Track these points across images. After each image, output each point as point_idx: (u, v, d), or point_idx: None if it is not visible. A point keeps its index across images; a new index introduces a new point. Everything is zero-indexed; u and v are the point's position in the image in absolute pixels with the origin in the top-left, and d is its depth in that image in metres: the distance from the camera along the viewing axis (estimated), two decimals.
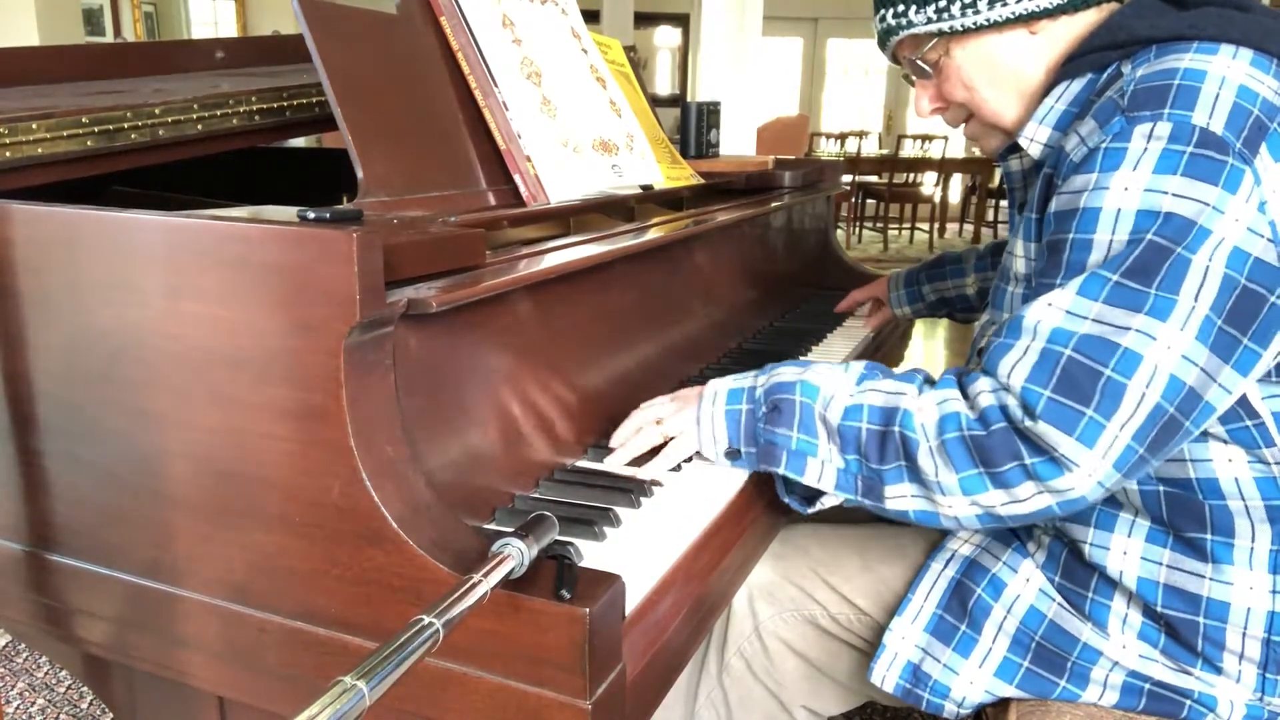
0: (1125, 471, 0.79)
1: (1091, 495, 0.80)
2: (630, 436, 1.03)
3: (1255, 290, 0.78)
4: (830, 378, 0.92)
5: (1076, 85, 0.94)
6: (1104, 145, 0.83)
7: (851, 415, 0.89)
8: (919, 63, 1.03)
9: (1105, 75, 0.91)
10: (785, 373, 0.94)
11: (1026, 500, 0.81)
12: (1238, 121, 0.80)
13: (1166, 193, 0.79)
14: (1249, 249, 0.78)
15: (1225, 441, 0.86)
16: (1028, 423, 0.79)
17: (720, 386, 0.99)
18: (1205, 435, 0.86)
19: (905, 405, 0.86)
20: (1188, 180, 0.79)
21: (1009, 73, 0.98)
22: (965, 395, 0.84)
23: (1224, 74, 0.82)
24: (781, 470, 0.93)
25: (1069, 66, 0.94)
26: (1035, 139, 0.96)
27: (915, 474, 0.85)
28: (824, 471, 0.91)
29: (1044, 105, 0.96)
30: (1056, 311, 0.81)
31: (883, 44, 1.06)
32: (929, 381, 0.89)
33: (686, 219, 1.34)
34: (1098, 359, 0.78)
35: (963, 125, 1.08)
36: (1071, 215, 0.84)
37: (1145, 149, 0.81)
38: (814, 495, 0.98)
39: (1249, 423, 0.85)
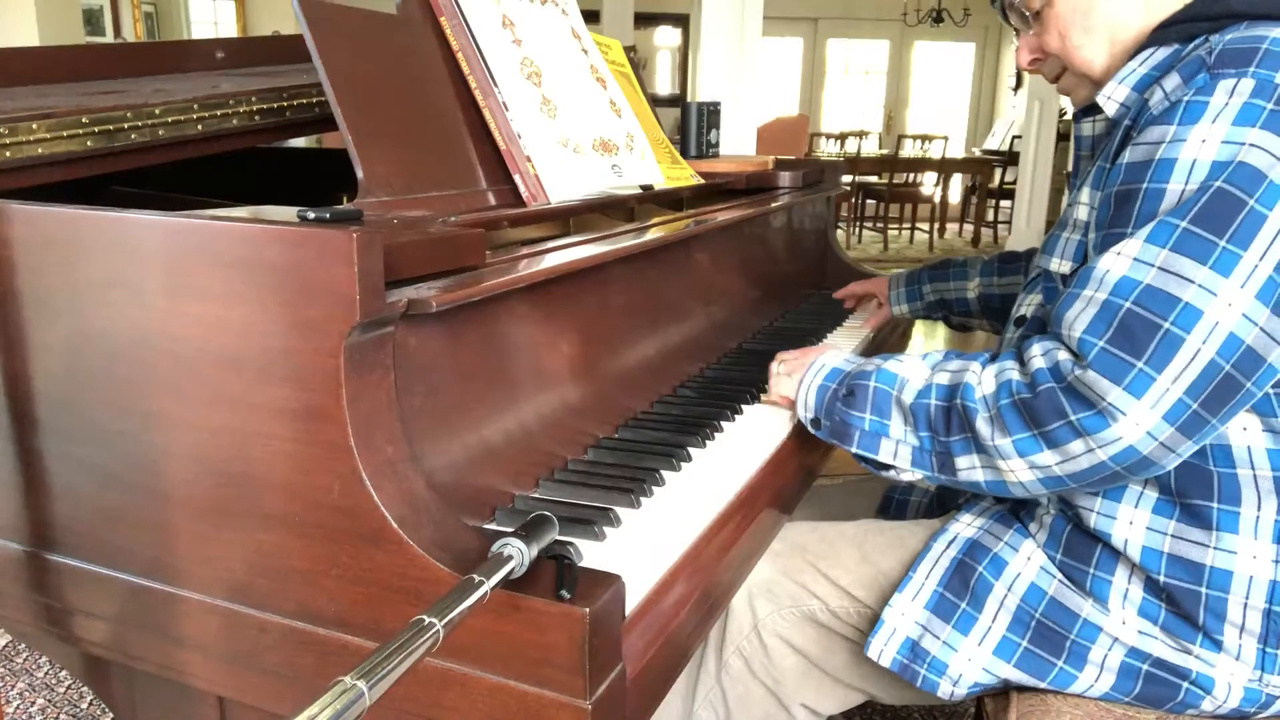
0: (1179, 426, 0.80)
1: (1143, 447, 0.81)
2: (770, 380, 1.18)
3: None
4: (908, 365, 0.99)
5: (1162, 52, 0.95)
6: (1186, 99, 0.85)
7: (922, 395, 0.95)
8: (1023, 9, 1.07)
9: (1191, 45, 0.92)
10: (871, 362, 1.03)
11: (1079, 457, 0.84)
12: None
13: (1243, 144, 0.81)
14: None
15: (1243, 409, 0.87)
16: (1077, 372, 0.82)
17: (828, 362, 1.08)
18: None
19: (967, 379, 0.92)
20: (1265, 133, 0.81)
21: (1103, 23, 1.01)
22: (1021, 362, 0.88)
23: None
24: (854, 449, 1.01)
25: (1159, 33, 0.96)
26: (1113, 98, 0.98)
27: (977, 443, 0.90)
28: (899, 450, 0.98)
29: (1127, 67, 0.97)
30: (1124, 260, 0.83)
31: None
32: (996, 357, 0.93)
33: (686, 219, 1.34)
34: (1158, 312, 0.80)
35: (1057, 80, 1.11)
36: (1146, 166, 0.86)
37: (1227, 103, 0.83)
38: (887, 468, 1.02)
39: (1270, 390, 0.87)
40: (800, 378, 1.09)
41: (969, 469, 0.92)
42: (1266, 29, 0.86)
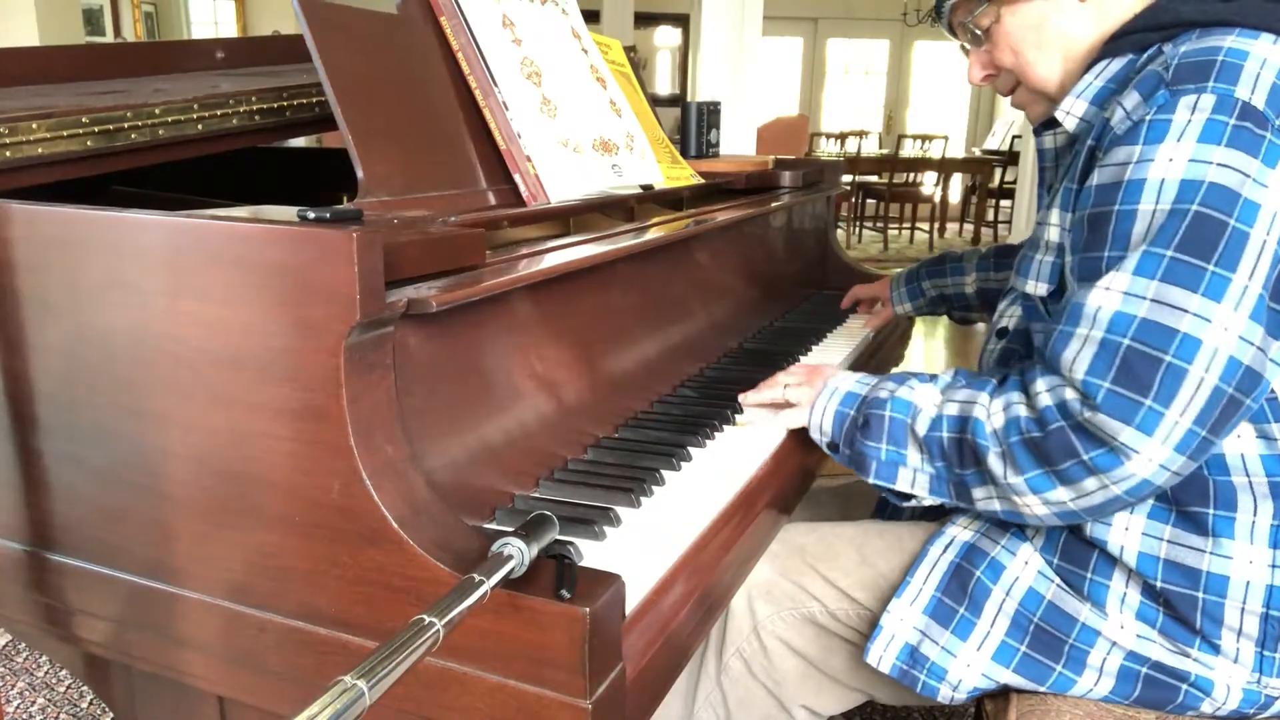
0: (1190, 454, 0.81)
1: (1156, 479, 0.82)
2: (765, 388, 1.14)
3: None
4: (920, 392, 0.98)
5: (1117, 64, 0.95)
6: (1149, 118, 0.85)
7: (934, 426, 0.95)
8: (972, 28, 1.06)
9: (1145, 56, 0.92)
10: (884, 388, 1.01)
11: (1093, 494, 0.84)
12: (1277, 100, 0.82)
13: (1211, 163, 0.81)
14: None
15: None
16: (1086, 414, 0.81)
17: (842, 385, 1.05)
18: None
19: (976, 414, 0.91)
20: (1231, 151, 0.81)
21: (1055, 38, 1.00)
22: (1027, 396, 0.87)
23: (1266, 56, 0.84)
24: (871, 479, 1.00)
25: (1111, 45, 0.96)
26: (1071, 112, 0.98)
27: (990, 477, 0.90)
28: (916, 479, 0.98)
29: (1083, 81, 0.97)
30: (1115, 295, 0.83)
31: (938, 11, 1.11)
32: (1002, 383, 0.92)
33: (686, 219, 1.34)
34: (1157, 346, 0.80)
35: (1011, 94, 1.11)
36: (1116, 188, 0.86)
37: (1190, 120, 0.83)
38: (908, 496, 1.01)
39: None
40: (813, 401, 1.07)
41: (985, 499, 0.93)
42: (1219, 38, 0.86)
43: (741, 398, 1.16)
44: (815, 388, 1.07)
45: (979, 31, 1.06)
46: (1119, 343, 0.81)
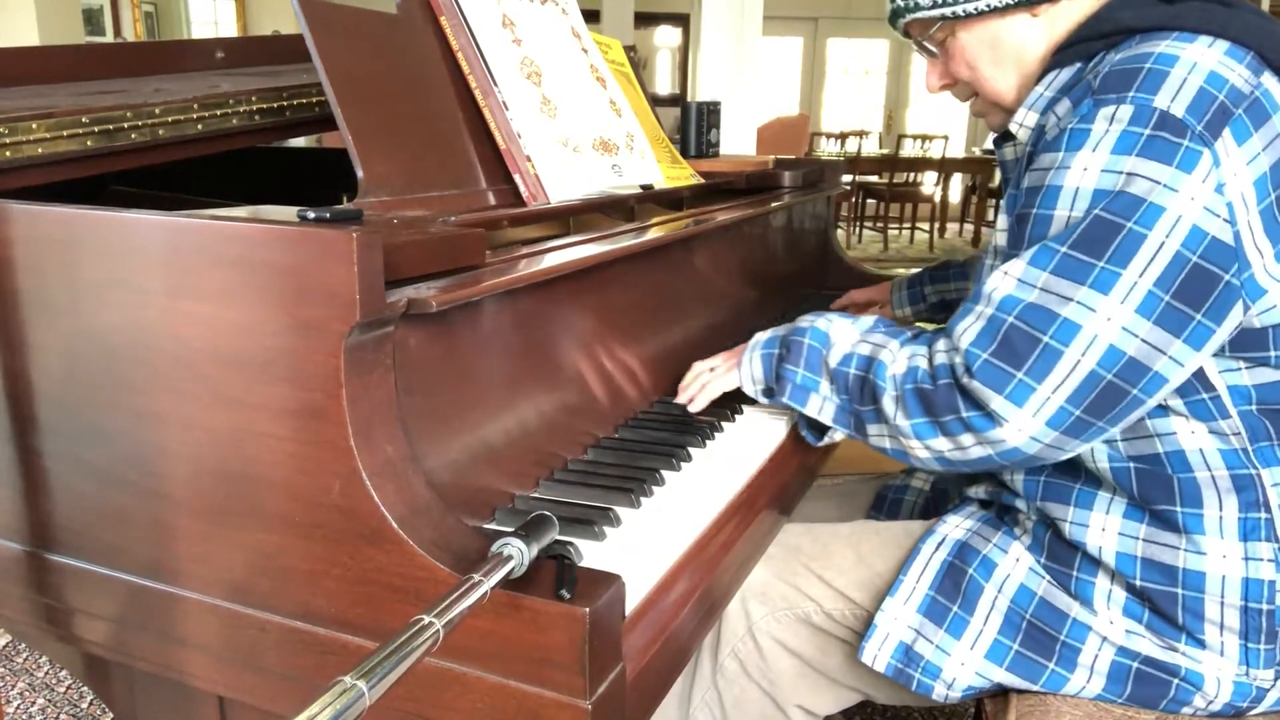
0: (1064, 430, 0.85)
1: (1028, 449, 0.87)
2: (691, 382, 1.18)
3: (1208, 268, 0.82)
4: (839, 327, 1.03)
5: (1065, 73, 0.97)
6: (1071, 126, 0.88)
7: (844, 362, 1.00)
8: (926, 44, 1.08)
9: (1091, 64, 0.94)
10: (804, 319, 1.07)
11: (968, 449, 0.90)
12: (1201, 106, 0.83)
13: (1121, 172, 0.84)
14: (1205, 228, 0.82)
15: (1186, 416, 0.90)
16: (965, 379, 0.87)
17: (761, 336, 1.12)
18: (1166, 410, 0.90)
19: (882, 357, 0.96)
20: (1142, 160, 0.83)
21: (1010, 53, 1.02)
22: (929, 351, 0.93)
23: (1196, 60, 0.85)
24: (786, 399, 1.06)
25: (1059, 56, 0.98)
26: (1024, 124, 1.01)
27: (883, 416, 0.96)
28: (824, 406, 1.03)
29: (1034, 92, 1.00)
30: (1010, 280, 0.87)
31: (893, 22, 1.11)
32: (914, 338, 0.97)
33: (686, 219, 1.34)
34: (1038, 327, 0.84)
35: (970, 101, 1.12)
36: (1037, 191, 0.90)
37: (1107, 130, 0.85)
38: (823, 429, 1.08)
39: (1204, 396, 0.89)
40: (739, 361, 1.12)
41: (878, 436, 0.98)
42: (1153, 44, 0.87)
43: (687, 405, 1.16)
44: (737, 351, 1.14)
45: (933, 47, 1.08)
46: (1004, 320, 0.86)
